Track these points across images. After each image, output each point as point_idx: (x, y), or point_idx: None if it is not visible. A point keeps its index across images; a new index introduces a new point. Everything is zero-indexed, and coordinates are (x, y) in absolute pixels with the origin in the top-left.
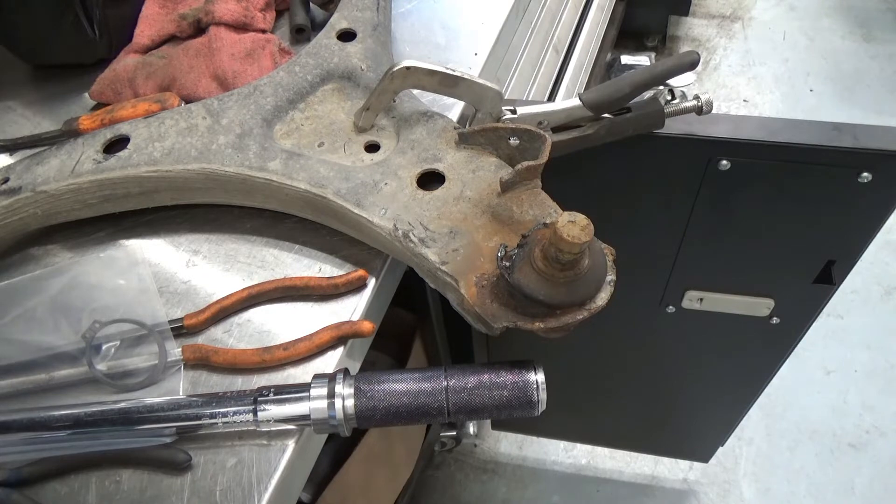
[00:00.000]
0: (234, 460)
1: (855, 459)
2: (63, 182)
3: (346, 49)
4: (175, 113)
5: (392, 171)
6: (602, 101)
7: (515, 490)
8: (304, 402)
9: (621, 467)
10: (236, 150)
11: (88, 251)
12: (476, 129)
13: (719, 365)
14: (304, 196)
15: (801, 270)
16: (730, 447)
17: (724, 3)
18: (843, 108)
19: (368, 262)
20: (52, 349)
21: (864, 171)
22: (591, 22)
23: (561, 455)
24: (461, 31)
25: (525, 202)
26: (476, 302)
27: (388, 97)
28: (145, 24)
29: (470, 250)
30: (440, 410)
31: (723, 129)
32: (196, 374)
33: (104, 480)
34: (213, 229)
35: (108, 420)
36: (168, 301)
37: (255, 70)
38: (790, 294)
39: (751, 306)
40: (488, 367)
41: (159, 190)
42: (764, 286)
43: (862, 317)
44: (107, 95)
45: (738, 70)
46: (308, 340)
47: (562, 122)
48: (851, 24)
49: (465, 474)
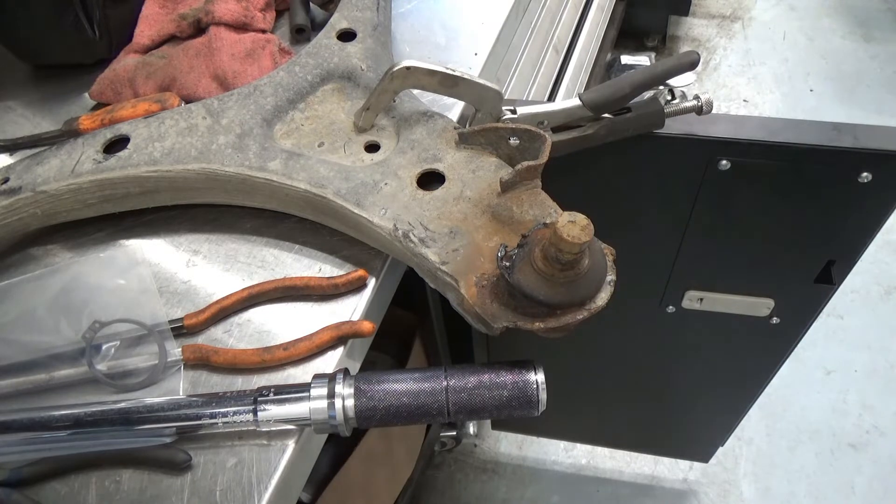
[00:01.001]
0: (234, 460)
1: (855, 459)
2: (63, 182)
3: (346, 49)
4: (175, 113)
5: (392, 171)
6: (602, 101)
7: (515, 490)
8: (304, 403)
9: (621, 467)
10: (236, 150)
11: (88, 251)
12: (476, 129)
13: (719, 365)
14: (304, 196)
15: (801, 270)
16: (730, 447)
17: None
18: (843, 108)
19: (368, 262)
20: (52, 349)
21: (864, 171)
22: (591, 22)
23: (561, 455)
24: (461, 31)
25: (525, 202)
26: (476, 302)
27: (388, 97)
28: (145, 24)
29: (470, 250)
30: (440, 410)
31: (723, 129)
32: (196, 374)
33: (104, 480)
34: (213, 229)
35: (108, 420)
36: (168, 301)
37: (255, 70)
38: (790, 294)
39: (751, 306)
40: (488, 367)
41: (159, 190)
42: (764, 286)
43: (862, 317)
44: (107, 95)
45: (738, 70)
46: (308, 340)
47: (562, 122)
48: (851, 24)
49: (465, 474)
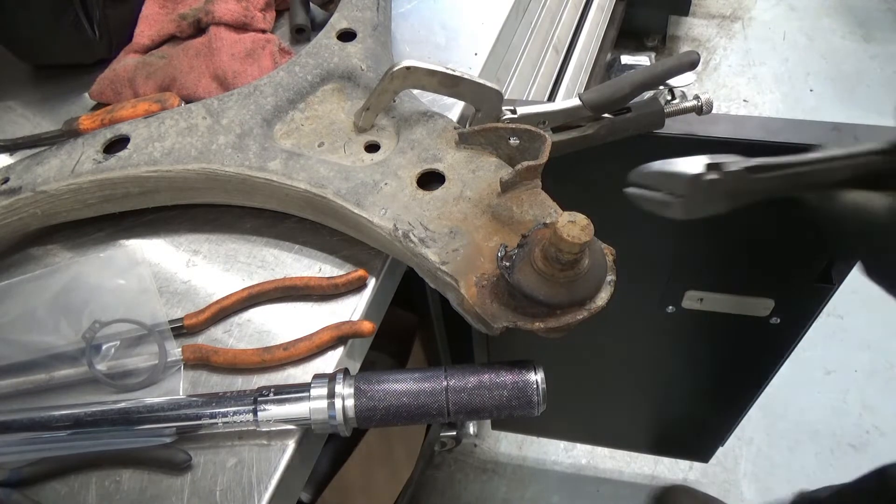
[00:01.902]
0: (234, 460)
1: (855, 459)
2: (63, 182)
3: (346, 49)
4: (175, 113)
5: (392, 171)
6: (602, 101)
7: (515, 490)
8: (304, 403)
9: (621, 467)
10: (236, 150)
11: (88, 251)
12: (476, 129)
13: (719, 365)
14: (304, 196)
15: (801, 270)
16: (730, 447)
17: (724, 3)
18: (843, 108)
19: (368, 262)
20: (52, 349)
21: None
22: (591, 22)
23: (561, 455)
24: (461, 31)
25: (525, 202)
26: (476, 302)
27: (388, 97)
28: (145, 24)
29: (470, 250)
30: (440, 410)
31: (723, 129)
32: (196, 374)
33: (104, 480)
34: (213, 229)
35: (108, 420)
36: (168, 301)
37: (255, 70)
38: (790, 294)
39: (751, 306)
40: (488, 367)
41: (159, 190)
42: (764, 286)
43: (862, 317)
44: (107, 95)
45: (738, 70)
46: (308, 340)
47: (562, 122)
48: (851, 24)
49: (465, 474)
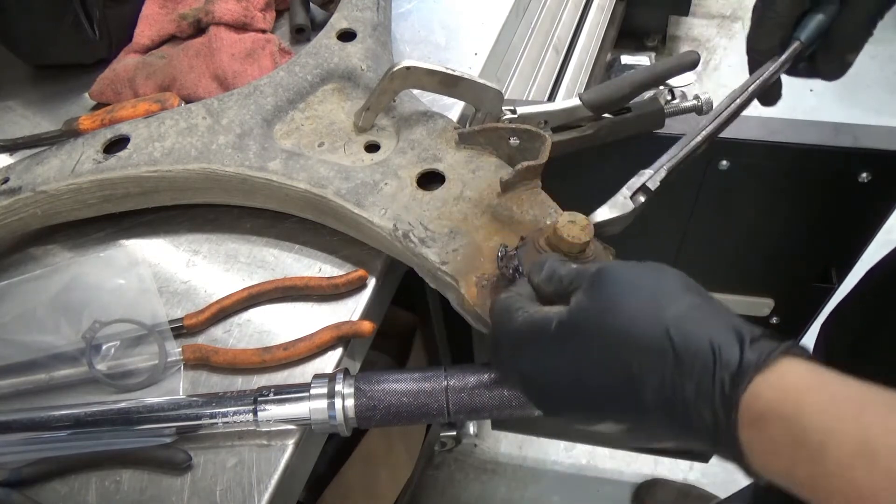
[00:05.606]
0: (234, 460)
1: None
2: (63, 182)
3: (346, 49)
4: (175, 113)
5: (392, 171)
6: (602, 101)
7: (515, 490)
8: (304, 403)
9: (621, 467)
10: (236, 150)
11: (88, 251)
12: (476, 129)
13: None
14: (304, 196)
15: (801, 270)
16: None
17: (724, 3)
18: (843, 108)
19: (368, 262)
20: (52, 349)
21: (864, 171)
22: (591, 22)
23: (561, 455)
24: (461, 31)
25: (525, 202)
26: (476, 302)
27: (388, 97)
28: (145, 24)
29: (470, 250)
30: (440, 410)
31: None
32: (196, 374)
33: (104, 480)
34: (213, 229)
35: (108, 420)
36: (168, 301)
37: (255, 70)
38: (790, 294)
39: (751, 306)
40: (488, 367)
41: (159, 190)
42: (764, 286)
43: None
44: (107, 95)
45: (739, 70)
46: (308, 340)
47: (562, 122)
48: None
49: (465, 474)
